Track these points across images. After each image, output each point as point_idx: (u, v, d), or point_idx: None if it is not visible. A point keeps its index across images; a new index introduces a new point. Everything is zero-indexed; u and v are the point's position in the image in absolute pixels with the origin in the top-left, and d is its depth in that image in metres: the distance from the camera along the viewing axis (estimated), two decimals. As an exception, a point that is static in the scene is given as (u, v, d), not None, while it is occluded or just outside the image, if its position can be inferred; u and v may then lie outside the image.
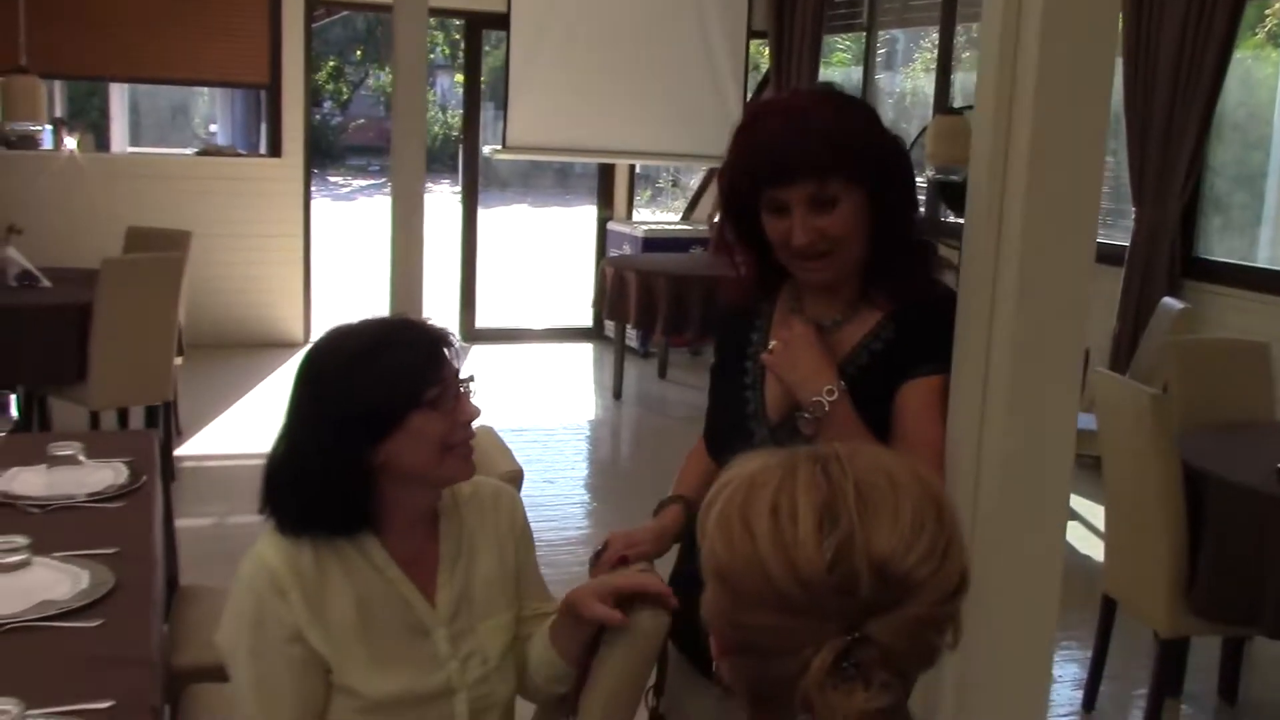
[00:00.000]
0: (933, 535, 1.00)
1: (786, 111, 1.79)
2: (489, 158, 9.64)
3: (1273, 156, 8.90)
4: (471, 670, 1.81)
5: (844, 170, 1.73)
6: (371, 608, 1.77)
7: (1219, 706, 3.86)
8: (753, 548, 1.00)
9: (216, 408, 6.68)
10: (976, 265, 1.76)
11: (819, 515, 0.99)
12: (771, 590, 0.99)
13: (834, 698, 0.97)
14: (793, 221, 1.75)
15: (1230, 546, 3.19)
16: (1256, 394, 4.06)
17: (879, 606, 0.98)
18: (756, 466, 1.07)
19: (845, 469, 1.02)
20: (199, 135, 16.44)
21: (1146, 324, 5.68)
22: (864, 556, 0.98)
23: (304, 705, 1.74)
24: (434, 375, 1.73)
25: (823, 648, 0.97)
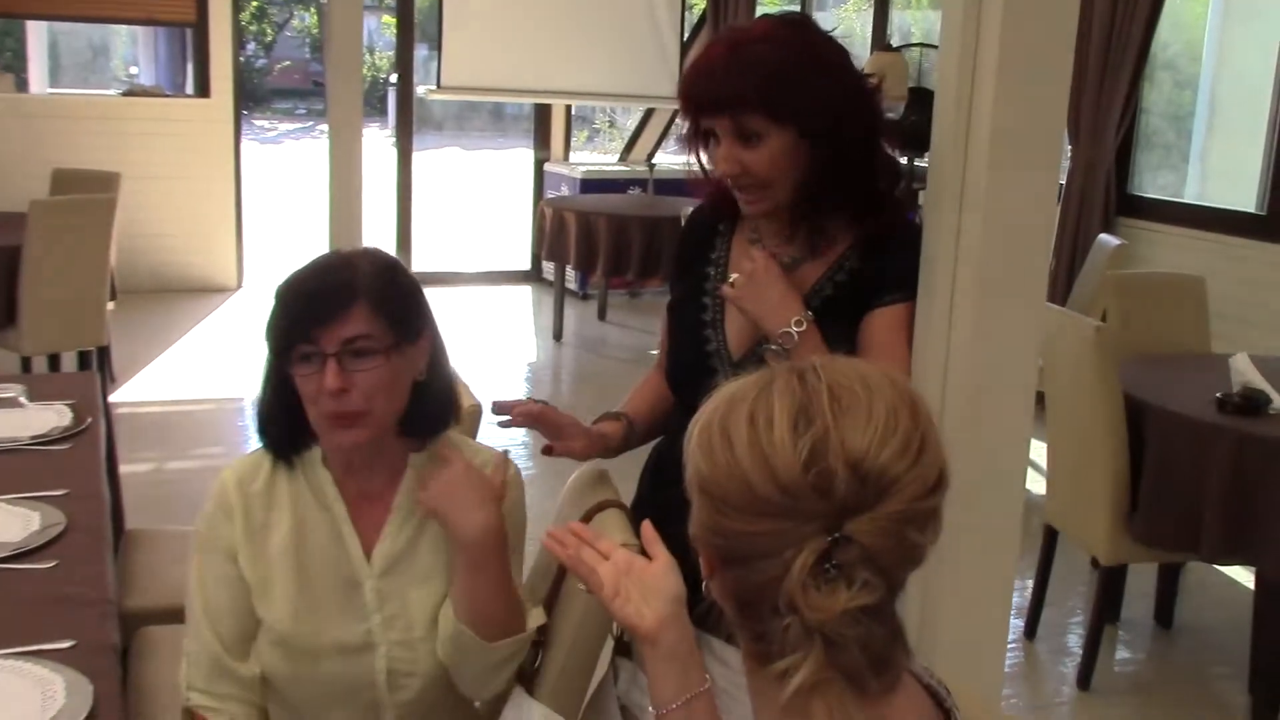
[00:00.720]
0: (907, 431, 1.02)
1: (731, 41, 1.77)
2: (422, 98, 9.49)
3: (1200, 96, 9.04)
4: (395, 630, 1.75)
5: (765, 108, 1.71)
6: (307, 542, 1.76)
7: (1155, 631, 3.97)
8: (731, 456, 1.02)
9: (150, 353, 6.57)
10: (942, 195, 1.76)
11: (793, 418, 1.01)
12: (751, 496, 1.01)
13: (816, 598, 0.98)
14: (721, 151, 1.76)
15: (1170, 475, 3.27)
16: (1193, 326, 4.14)
17: (857, 506, 0.99)
18: (735, 385, 1.08)
19: (820, 375, 1.04)
20: (119, 77, 16.00)
21: (1082, 261, 5.76)
22: (839, 454, 0.99)
23: (239, 622, 1.75)
24: (310, 333, 1.64)
25: (804, 549, 0.99)
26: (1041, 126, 1.72)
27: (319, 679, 1.76)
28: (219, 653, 1.75)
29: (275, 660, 1.76)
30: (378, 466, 1.78)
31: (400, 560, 1.78)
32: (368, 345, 1.65)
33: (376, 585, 1.76)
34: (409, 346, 1.71)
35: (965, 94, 1.71)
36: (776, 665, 1.01)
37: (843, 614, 0.98)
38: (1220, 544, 3.17)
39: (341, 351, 1.64)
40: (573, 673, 1.80)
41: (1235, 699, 3.53)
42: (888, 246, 1.81)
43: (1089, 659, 3.54)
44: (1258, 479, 3.09)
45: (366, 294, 1.66)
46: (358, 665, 1.75)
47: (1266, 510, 3.09)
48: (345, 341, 1.64)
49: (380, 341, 1.66)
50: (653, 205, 7.40)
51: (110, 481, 2.81)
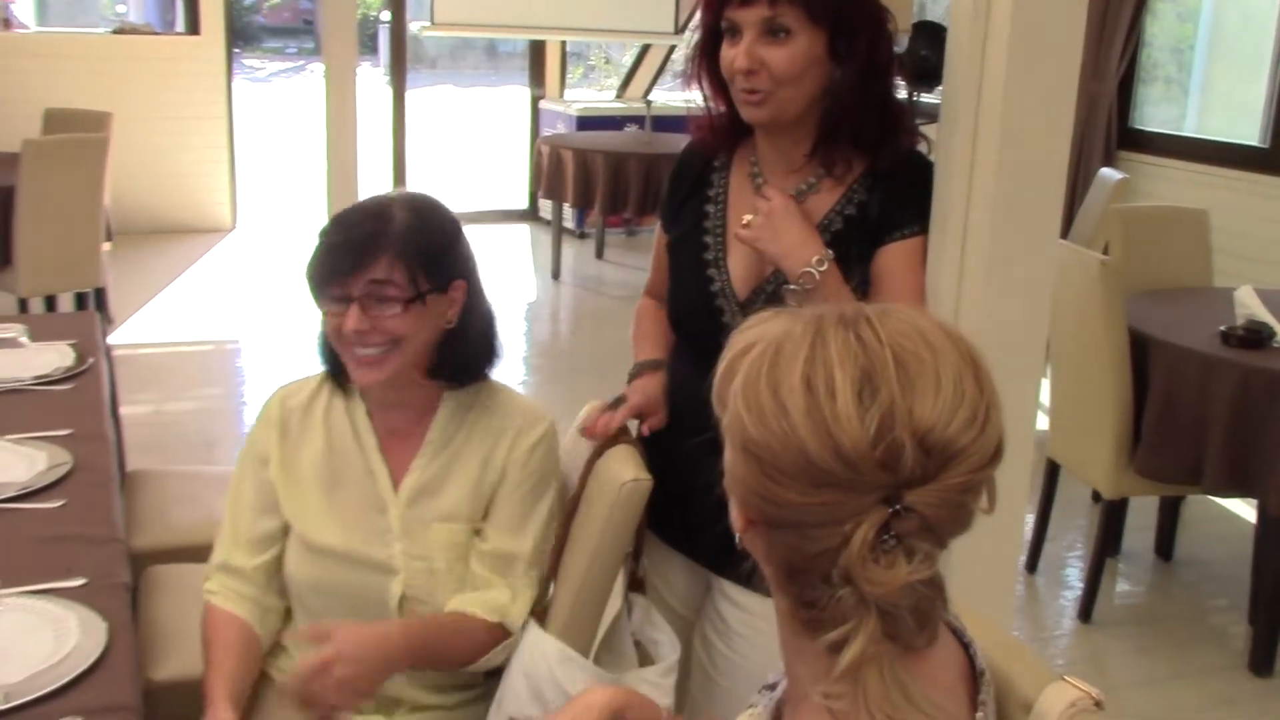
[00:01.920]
0: (974, 400, 0.97)
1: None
2: (416, 35, 9.38)
3: (1201, 29, 8.95)
4: (416, 559, 1.80)
5: (804, 2, 1.66)
6: (338, 465, 1.84)
7: (1155, 563, 4.00)
8: (787, 424, 0.95)
9: (146, 294, 6.54)
10: (955, 129, 1.74)
11: (858, 387, 0.94)
12: (810, 467, 0.95)
13: (876, 571, 0.94)
14: (741, 46, 1.70)
15: (1173, 409, 3.27)
16: (1196, 260, 4.13)
17: (922, 477, 0.95)
18: (779, 331, 1.00)
19: (879, 334, 0.97)
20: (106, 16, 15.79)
21: (1083, 195, 5.73)
22: (907, 427, 0.94)
23: (255, 519, 1.85)
24: (333, 279, 1.71)
25: (864, 522, 0.94)
26: (1056, 58, 1.69)
27: (336, 588, 1.81)
28: (229, 547, 1.85)
29: (300, 563, 1.83)
30: (409, 405, 1.85)
31: (425, 492, 1.82)
32: (390, 293, 1.70)
33: (402, 514, 1.82)
34: (436, 296, 1.75)
35: (980, 27, 1.68)
36: (829, 635, 0.96)
37: (903, 587, 0.94)
38: (1223, 477, 3.18)
39: (366, 296, 1.70)
40: (585, 608, 1.80)
41: (1234, 629, 3.57)
42: (897, 180, 1.78)
43: (1090, 591, 3.56)
44: (1262, 412, 3.10)
45: (393, 245, 1.70)
46: (375, 583, 1.79)
47: (1269, 444, 3.09)
48: (370, 284, 1.69)
49: (402, 291, 1.70)
50: (650, 142, 7.34)
51: (113, 422, 2.80)
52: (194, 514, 2.75)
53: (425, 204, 1.80)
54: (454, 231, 1.81)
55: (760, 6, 1.67)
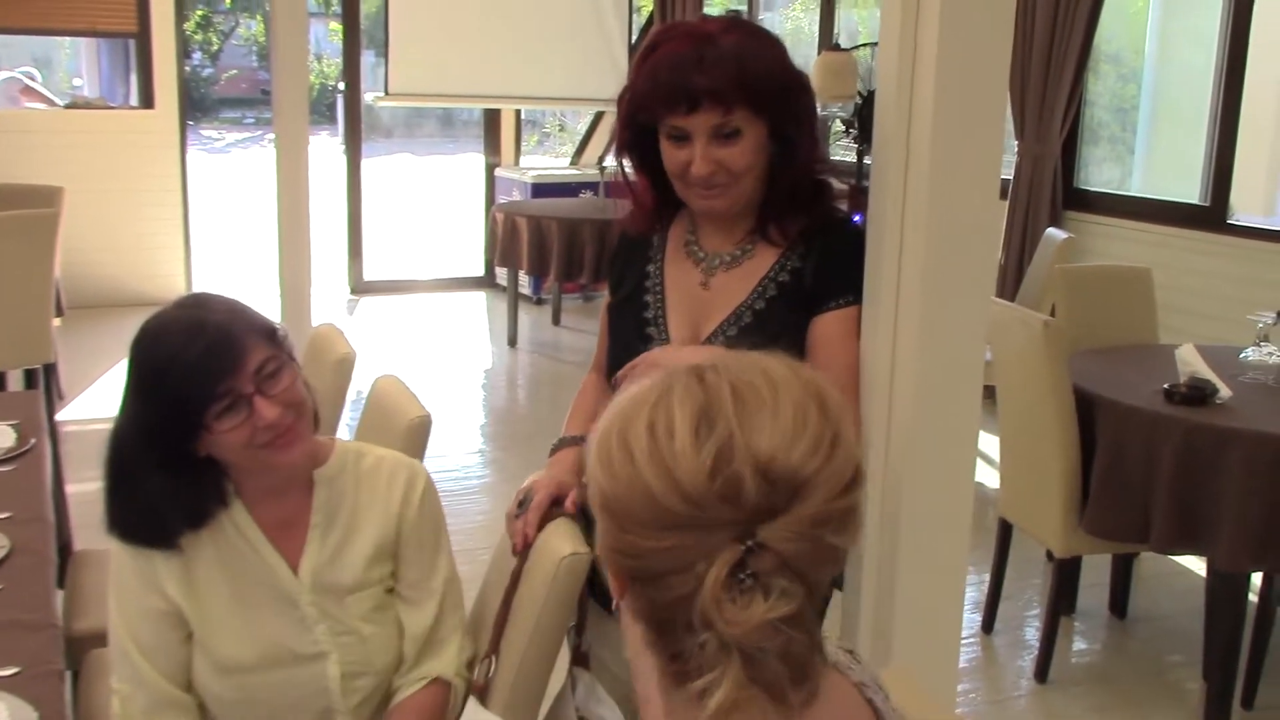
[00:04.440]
0: (816, 428, 0.96)
1: (694, 36, 1.74)
2: (371, 105, 9.43)
3: (1144, 89, 9.15)
4: (342, 635, 1.79)
5: (749, 101, 1.72)
6: (234, 567, 1.78)
7: (1110, 621, 4.01)
8: (632, 469, 0.96)
9: (99, 369, 6.48)
10: (885, 194, 1.77)
11: (695, 423, 0.94)
12: (656, 509, 0.94)
13: (732, 611, 0.92)
14: (693, 151, 1.74)
15: (1120, 467, 3.29)
16: (1141, 317, 4.19)
17: (770, 510, 0.93)
18: (634, 390, 1.02)
19: (720, 374, 0.98)
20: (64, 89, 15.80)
21: (1030, 255, 5.81)
22: (746, 458, 0.93)
23: (170, 655, 1.77)
24: (217, 392, 1.63)
25: (715, 560, 0.92)
26: (982, 122, 1.73)
27: (271, 696, 1.76)
28: (159, 684, 1.75)
29: (223, 687, 1.77)
30: (283, 490, 1.80)
31: (327, 571, 1.80)
32: (276, 365, 1.69)
33: (312, 599, 1.79)
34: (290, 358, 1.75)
35: (905, 93, 1.72)
36: (694, 684, 0.94)
37: (761, 625, 0.92)
38: (1170, 534, 3.21)
39: (259, 383, 1.66)
40: (527, 684, 1.79)
41: (1190, 686, 3.57)
42: (832, 249, 1.83)
43: (1045, 651, 3.56)
44: (1205, 469, 3.13)
45: (242, 327, 1.67)
46: (310, 673, 1.77)
47: (1214, 500, 3.12)
48: (257, 372, 1.66)
49: (277, 360, 1.70)
50: (604, 208, 7.39)
51: (57, 502, 2.77)
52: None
53: (208, 298, 1.74)
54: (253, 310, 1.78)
55: (711, 114, 1.72)
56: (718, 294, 1.87)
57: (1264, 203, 10.27)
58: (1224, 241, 5.32)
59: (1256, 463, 3.05)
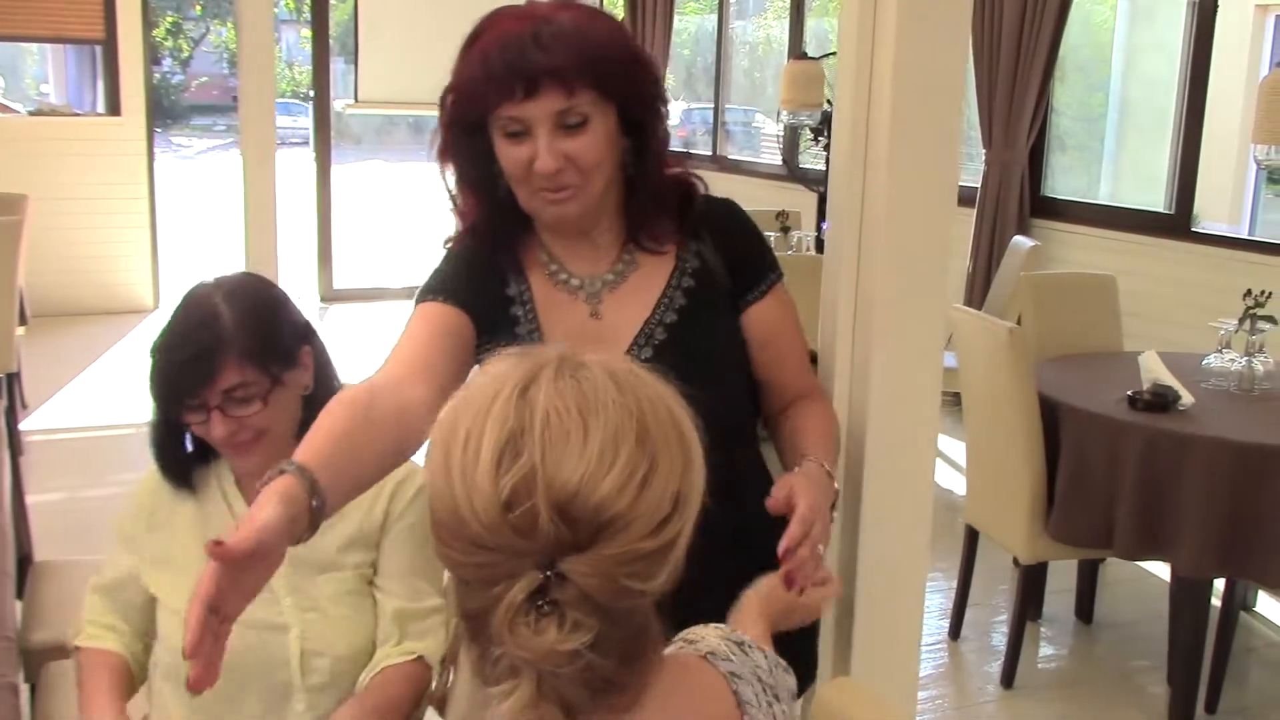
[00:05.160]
0: (628, 462, 0.91)
1: (527, 16, 1.53)
2: (340, 113, 9.40)
3: (1111, 97, 9.22)
4: (306, 611, 1.80)
5: (596, 81, 1.51)
6: (211, 527, 1.81)
7: (1076, 627, 4.02)
8: (446, 478, 0.94)
9: (64, 378, 6.43)
10: (842, 206, 1.77)
11: (499, 451, 0.91)
12: (460, 523, 0.92)
13: (524, 636, 0.90)
14: (535, 145, 1.51)
15: (1084, 473, 3.31)
16: (1105, 325, 4.21)
17: (572, 545, 0.90)
18: (486, 377, 0.98)
19: (542, 392, 0.93)
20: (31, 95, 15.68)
21: (998, 262, 5.84)
22: (545, 494, 0.89)
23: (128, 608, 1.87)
24: (185, 396, 1.70)
25: (514, 585, 0.90)
26: (937, 132, 1.74)
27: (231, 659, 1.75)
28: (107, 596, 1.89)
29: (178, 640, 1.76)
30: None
31: (301, 547, 1.78)
32: (250, 392, 1.70)
33: (284, 571, 1.76)
34: (289, 373, 1.75)
35: (863, 102, 1.72)
36: (491, 689, 0.94)
37: (549, 654, 0.90)
38: (1133, 540, 3.23)
39: (223, 402, 1.69)
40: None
41: (1155, 690, 3.59)
42: (730, 237, 1.69)
43: (1012, 657, 3.57)
44: (1167, 475, 3.15)
45: (232, 348, 1.68)
46: (270, 643, 1.77)
47: (1176, 506, 3.14)
48: (225, 393, 1.69)
49: (257, 386, 1.70)
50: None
51: (17, 512, 2.74)
52: (98, 606, 2.69)
53: (247, 286, 1.78)
54: (281, 301, 1.81)
55: (554, 98, 1.49)
56: (613, 321, 1.65)
57: (1230, 210, 10.38)
58: (1188, 249, 5.37)
59: (1218, 469, 3.07)
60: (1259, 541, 3.08)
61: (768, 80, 11.09)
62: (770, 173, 8.41)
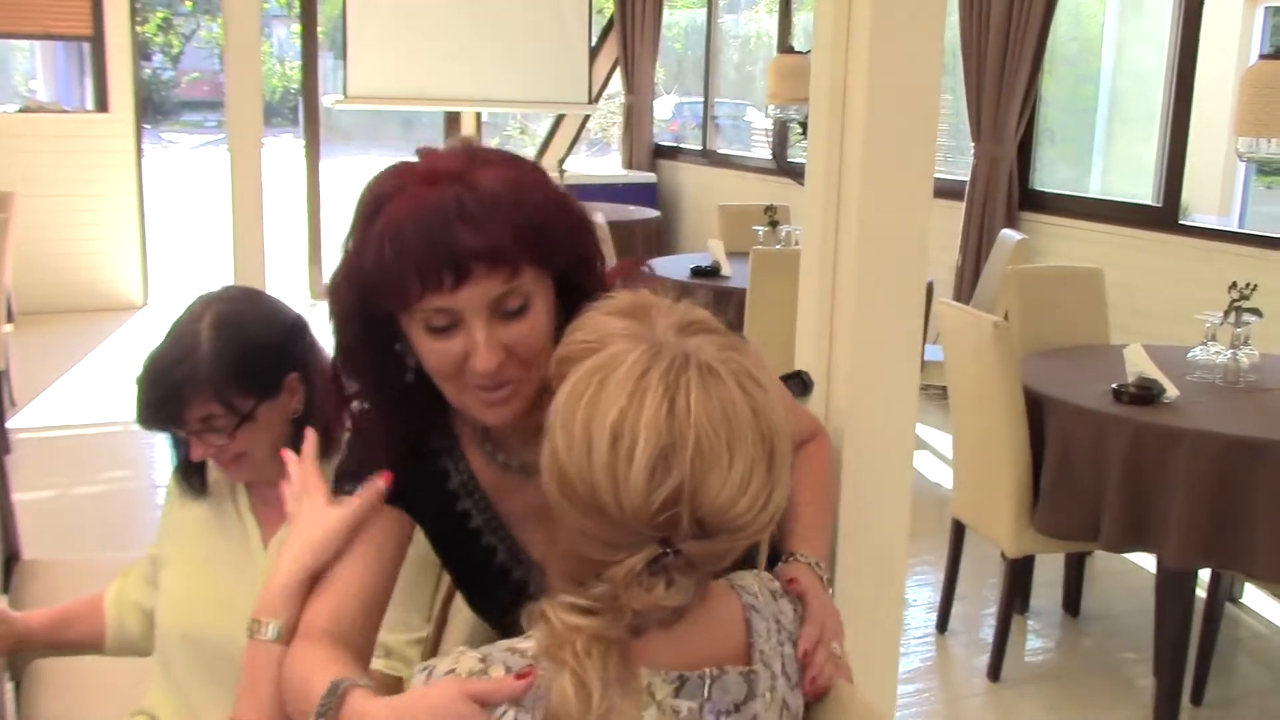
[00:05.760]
0: (759, 487, 1.06)
1: (441, 178, 1.27)
2: (330, 109, 9.38)
3: (1102, 89, 9.23)
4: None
5: (537, 257, 1.27)
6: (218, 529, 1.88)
7: (1063, 620, 4.04)
8: (588, 463, 1.04)
9: (52, 375, 6.42)
10: (818, 207, 1.77)
11: (652, 461, 1.02)
12: (598, 505, 1.04)
13: (636, 593, 1.05)
14: (469, 338, 1.25)
15: (1069, 466, 3.32)
16: (1092, 318, 4.22)
17: (696, 536, 1.05)
18: (615, 350, 1.08)
19: (690, 407, 1.04)
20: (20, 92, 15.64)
21: (986, 256, 5.85)
22: (689, 505, 1.03)
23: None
24: (160, 427, 1.76)
25: (637, 554, 1.04)
26: (914, 127, 1.74)
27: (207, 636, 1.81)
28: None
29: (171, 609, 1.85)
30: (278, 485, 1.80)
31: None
32: (216, 425, 1.74)
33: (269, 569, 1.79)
34: (266, 403, 1.76)
35: (838, 106, 1.72)
36: (580, 600, 1.07)
37: (654, 606, 1.06)
38: (1119, 533, 3.23)
39: (197, 432, 1.74)
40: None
41: (1142, 683, 3.60)
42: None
43: (999, 650, 3.58)
44: (1153, 468, 3.16)
45: (204, 383, 1.71)
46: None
47: (1162, 498, 3.15)
48: (200, 421, 1.73)
49: (223, 420, 1.73)
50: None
51: (4, 510, 2.74)
52: (83, 605, 2.69)
53: (234, 315, 1.77)
54: (273, 330, 1.79)
55: (489, 283, 1.23)
56: None
57: (1221, 202, 10.39)
58: (1175, 241, 5.38)
59: (1202, 461, 3.08)
60: (1244, 533, 3.09)
61: (758, 74, 11.08)
62: (760, 167, 8.41)
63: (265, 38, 22.05)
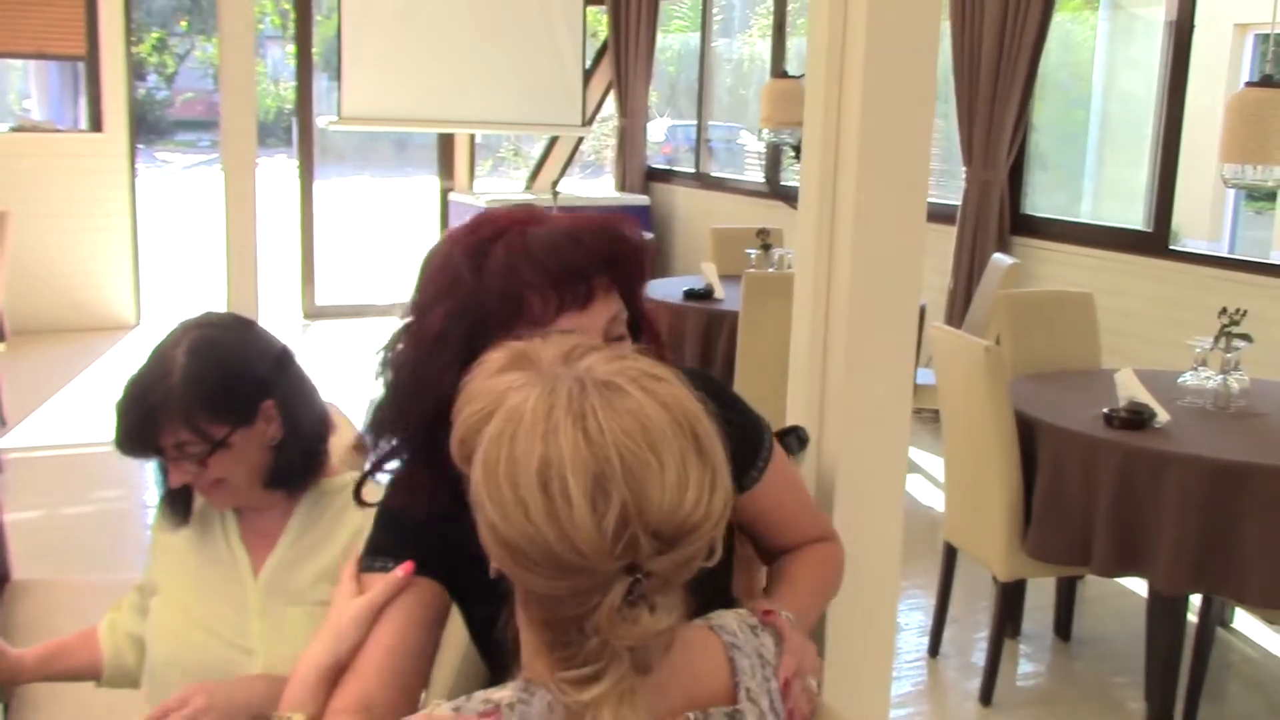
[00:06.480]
0: (699, 478, 1.05)
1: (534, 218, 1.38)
2: (324, 130, 9.41)
3: (1092, 114, 9.28)
4: (275, 642, 1.80)
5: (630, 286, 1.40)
6: (207, 558, 1.87)
7: (1055, 644, 4.04)
8: (530, 524, 1.02)
9: (44, 395, 6.41)
10: (812, 231, 1.78)
11: (591, 494, 1.01)
12: (554, 559, 1.02)
13: (624, 628, 1.03)
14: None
15: (1061, 490, 3.33)
16: (1083, 342, 4.24)
17: (659, 552, 1.03)
18: (515, 402, 1.06)
19: (603, 429, 1.03)
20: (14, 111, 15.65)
21: (978, 280, 5.87)
22: (639, 522, 1.01)
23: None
24: (135, 453, 1.75)
25: (610, 591, 1.02)
26: (907, 154, 1.75)
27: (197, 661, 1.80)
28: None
29: (162, 635, 1.84)
30: (265, 510, 1.86)
31: (280, 575, 1.83)
32: (188, 451, 1.73)
33: (260, 599, 1.82)
34: (241, 432, 1.75)
35: (831, 131, 1.73)
36: (579, 671, 1.05)
37: (649, 636, 1.05)
38: (1111, 557, 3.24)
39: (174, 456, 1.74)
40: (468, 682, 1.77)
41: (1133, 706, 3.60)
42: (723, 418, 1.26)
43: (990, 674, 3.58)
44: (1144, 492, 3.16)
45: (175, 411, 1.71)
46: (237, 662, 1.78)
47: (1152, 522, 3.16)
48: (174, 448, 1.73)
49: (194, 448, 1.73)
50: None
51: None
52: (75, 626, 2.67)
53: (212, 341, 1.77)
54: (248, 359, 1.79)
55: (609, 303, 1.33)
56: None
57: (1211, 227, 10.44)
58: (1165, 266, 5.40)
59: (1193, 485, 3.09)
60: (1234, 559, 3.10)
61: (751, 98, 11.13)
62: (753, 190, 8.44)
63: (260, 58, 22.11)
